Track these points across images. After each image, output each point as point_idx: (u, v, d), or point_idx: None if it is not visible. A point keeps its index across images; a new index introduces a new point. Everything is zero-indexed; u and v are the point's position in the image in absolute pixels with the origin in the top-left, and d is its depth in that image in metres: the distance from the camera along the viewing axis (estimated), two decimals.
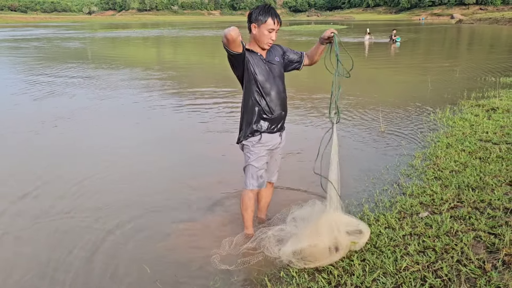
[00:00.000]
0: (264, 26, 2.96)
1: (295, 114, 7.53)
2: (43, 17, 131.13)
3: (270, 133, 3.18)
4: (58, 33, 42.84)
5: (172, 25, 72.42)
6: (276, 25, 2.99)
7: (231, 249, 3.17)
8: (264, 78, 3.06)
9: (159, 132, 6.66)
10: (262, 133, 3.15)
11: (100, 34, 40.93)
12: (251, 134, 3.15)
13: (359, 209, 3.78)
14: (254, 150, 3.17)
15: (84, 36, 37.09)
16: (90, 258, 3.21)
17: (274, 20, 2.96)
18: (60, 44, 28.91)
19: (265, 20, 2.95)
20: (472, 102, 7.73)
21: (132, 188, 4.54)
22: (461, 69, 12.91)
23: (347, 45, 21.82)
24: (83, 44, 28.94)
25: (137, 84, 11.50)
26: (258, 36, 3.01)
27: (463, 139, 5.41)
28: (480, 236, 3.07)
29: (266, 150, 3.20)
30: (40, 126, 7.00)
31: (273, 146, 3.24)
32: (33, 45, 28.01)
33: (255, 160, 3.18)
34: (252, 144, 3.17)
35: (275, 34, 3.03)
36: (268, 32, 2.98)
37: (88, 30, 49.22)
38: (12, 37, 36.03)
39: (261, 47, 3.07)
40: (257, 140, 3.15)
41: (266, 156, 3.21)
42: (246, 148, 3.21)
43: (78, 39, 33.77)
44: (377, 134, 6.22)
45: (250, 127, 3.15)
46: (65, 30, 50.44)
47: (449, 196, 3.80)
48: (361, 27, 51.76)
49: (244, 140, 3.20)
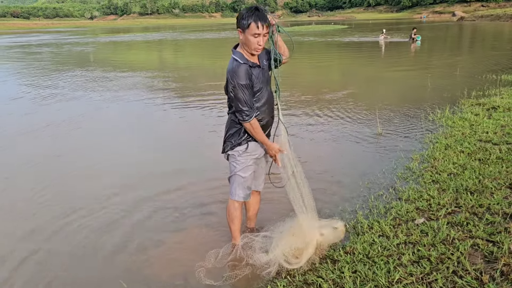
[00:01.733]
0: (248, 32, 2.74)
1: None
2: (45, 23, 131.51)
3: (257, 142, 3.02)
4: (63, 38, 42.82)
5: (173, 28, 72.47)
6: (262, 29, 2.73)
7: (216, 262, 3.04)
8: (260, 88, 2.90)
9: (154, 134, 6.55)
10: (249, 142, 3.01)
11: (105, 39, 40.88)
12: (238, 143, 3.01)
13: (353, 216, 3.63)
14: (241, 160, 3.03)
15: (90, 41, 37.03)
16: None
17: (257, 23, 2.71)
18: (71, 49, 28.93)
19: (248, 24, 2.73)
20: (472, 101, 7.56)
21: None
22: (462, 66, 12.73)
23: (361, 45, 21.59)
24: (92, 48, 29.03)
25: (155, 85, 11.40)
26: (245, 42, 2.80)
27: (462, 140, 5.25)
28: (478, 244, 2.92)
29: (253, 159, 3.05)
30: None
31: (259, 155, 3.09)
32: (46, 50, 27.98)
33: (241, 170, 3.04)
34: (238, 153, 3.02)
35: (263, 39, 2.78)
36: (254, 37, 2.75)
37: (92, 35, 49.24)
38: (19, 43, 36.02)
39: (250, 53, 2.88)
40: (244, 150, 3.01)
41: (253, 165, 3.07)
42: (232, 158, 3.07)
43: (85, 44, 33.75)
44: (374, 136, 6.06)
45: (237, 136, 3.00)
46: (69, 35, 50.46)
47: (447, 200, 3.65)
48: (362, 26, 51.62)
49: (230, 150, 3.05)
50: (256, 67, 2.87)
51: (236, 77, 2.76)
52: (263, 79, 2.91)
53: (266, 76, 2.97)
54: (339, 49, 23.89)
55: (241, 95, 2.76)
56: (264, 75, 2.93)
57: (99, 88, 11.50)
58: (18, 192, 4.61)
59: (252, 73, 2.82)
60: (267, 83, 2.97)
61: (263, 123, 2.97)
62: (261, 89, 2.90)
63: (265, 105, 2.95)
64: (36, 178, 4.93)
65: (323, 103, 8.52)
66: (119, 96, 10.23)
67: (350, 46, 24.71)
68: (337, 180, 4.55)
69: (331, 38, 31.66)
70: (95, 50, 27.92)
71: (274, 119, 3.12)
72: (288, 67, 13.08)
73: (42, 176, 5.01)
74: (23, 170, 5.28)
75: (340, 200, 4.00)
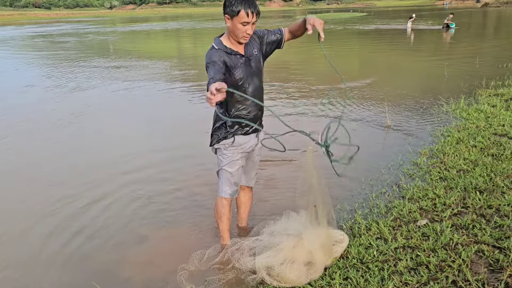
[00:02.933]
0: (236, 19, 2.56)
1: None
2: (65, 13, 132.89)
3: (245, 135, 2.84)
4: (86, 28, 42.99)
5: (191, 17, 72.26)
6: (251, 18, 2.55)
7: (201, 264, 2.87)
8: (242, 77, 2.70)
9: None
10: (236, 135, 2.82)
11: (125, 28, 40.92)
12: (224, 136, 2.83)
13: (351, 215, 3.42)
14: (227, 153, 2.85)
15: (111, 31, 37.05)
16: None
17: (247, 11, 2.52)
18: (95, 38, 29.02)
19: (237, 11, 2.53)
20: (490, 91, 7.17)
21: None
22: (482, 55, 12.19)
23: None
24: (114, 37, 29.05)
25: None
26: (232, 30, 2.62)
27: (476, 134, 4.94)
28: (483, 250, 2.67)
29: (240, 154, 2.87)
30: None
31: (248, 149, 2.90)
32: (71, 40, 28.10)
33: (228, 165, 2.86)
34: (224, 147, 2.85)
35: (252, 27, 2.61)
36: (242, 26, 2.57)
37: (113, 25, 49.34)
38: (41, 33, 36.32)
39: (237, 41, 2.70)
40: (230, 143, 2.83)
41: (240, 160, 2.88)
42: (219, 151, 2.90)
43: (106, 33, 33.79)
44: (383, 128, 5.79)
45: (224, 129, 2.82)
46: (90, 25, 50.71)
47: (453, 200, 3.39)
48: (381, 14, 50.45)
49: (216, 143, 2.88)
50: (236, 55, 2.68)
51: (207, 58, 2.64)
52: (245, 69, 2.70)
53: (253, 67, 2.76)
54: (359, 37, 23.24)
55: (209, 72, 2.58)
56: (249, 65, 2.72)
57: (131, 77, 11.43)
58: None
59: (229, 60, 2.64)
60: (253, 74, 2.75)
61: (250, 117, 2.78)
62: (244, 80, 2.70)
63: (253, 97, 2.73)
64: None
65: (334, 92, 8.24)
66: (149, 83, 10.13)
67: (371, 35, 24.00)
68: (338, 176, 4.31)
69: (351, 26, 30.95)
70: (118, 39, 27.92)
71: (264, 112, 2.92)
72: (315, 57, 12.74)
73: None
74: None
75: (339, 197, 3.78)
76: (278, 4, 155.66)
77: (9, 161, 5.28)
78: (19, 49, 23.20)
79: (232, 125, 2.79)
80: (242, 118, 2.74)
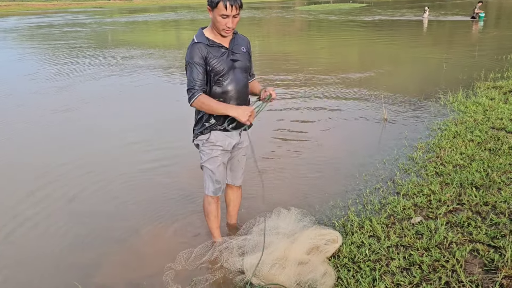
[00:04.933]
0: (216, 11, 2.45)
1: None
2: (63, 4, 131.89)
3: (223, 131, 2.72)
4: (85, 19, 42.44)
5: (190, 8, 71.62)
6: (231, 11, 2.43)
7: (188, 263, 2.79)
8: (222, 70, 2.58)
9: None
10: (213, 131, 2.71)
11: (125, 19, 40.49)
12: (200, 131, 2.73)
13: (344, 212, 3.34)
14: (205, 150, 2.76)
15: (111, 21, 36.62)
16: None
17: (226, 3, 2.40)
18: (96, 28, 28.67)
19: (216, 2, 2.42)
20: (488, 84, 7.06)
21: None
22: (481, 46, 12.05)
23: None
24: (116, 27, 28.72)
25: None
26: (213, 21, 2.52)
27: (473, 127, 4.85)
28: (478, 249, 2.60)
29: (220, 151, 2.75)
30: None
31: (228, 146, 2.78)
32: (74, 29, 27.71)
33: (207, 161, 2.77)
34: (202, 143, 2.76)
35: (233, 20, 2.48)
36: (222, 18, 2.46)
37: (113, 16, 48.79)
38: (38, 24, 35.89)
39: (220, 34, 2.58)
40: (206, 139, 2.72)
41: (220, 157, 2.77)
42: (199, 147, 2.81)
43: (107, 24, 33.41)
44: (379, 121, 5.69)
45: (200, 124, 2.72)
46: (89, 16, 50.22)
47: (449, 196, 3.31)
48: (381, 4, 50.01)
49: (194, 138, 2.79)
50: (218, 47, 2.58)
51: (187, 55, 2.58)
52: (227, 62, 2.60)
53: (237, 62, 2.65)
54: (360, 28, 22.80)
55: (188, 73, 2.56)
56: (232, 59, 2.62)
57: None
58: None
59: (209, 52, 2.55)
60: (235, 68, 2.64)
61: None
62: (225, 73, 2.59)
63: (232, 92, 2.63)
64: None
65: (332, 83, 8.14)
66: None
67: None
68: (332, 170, 4.25)
69: (357, 17, 30.60)
70: (126, 30, 27.64)
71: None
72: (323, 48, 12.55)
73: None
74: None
75: (333, 193, 3.70)
76: None
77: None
78: (25, 40, 22.92)
79: (207, 119, 2.68)
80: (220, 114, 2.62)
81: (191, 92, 2.52)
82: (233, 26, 2.51)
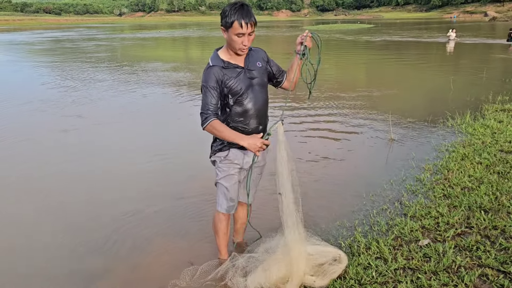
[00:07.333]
0: (231, 31, 2.47)
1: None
2: (75, 19, 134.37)
3: (242, 149, 2.73)
4: (98, 34, 43.24)
5: (199, 25, 72.74)
6: (246, 29, 2.45)
7: (193, 281, 2.77)
8: (240, 90, 2.59)
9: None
10: (231, 148, 2.72)
11: (137, 35, 41.17)
12: (219, 149, 2.74)
13: (350, 233, 3.31)
14: (222, 167, 2.75)
15: (125, 37, 37.22)
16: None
17: (241, 22, 2.42)
18: (110, 44, 29.10)
19: (230, 22, 2.45)
20: (497, 107, 7.05)
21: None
22: (489, 69, 12.07)
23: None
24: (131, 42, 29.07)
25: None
26: (229, 41, 2.54)
27: (481, 150, 4.82)
28: (487, 274, 2.55)
29: (237, 169, 2.76)
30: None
31: (245, 165, 2.78)
32: (91, 44, 28.14)
33: (223, 178, 2.77)
34: (220, 159, 2.76)
35: (248, 38, 2.50)
36: (238, 37, 2.48)
37: (124, 32, 49.59)
38: (55, 38, 36.51)
39: (235, 53, 2.60)
40: (224, 156, 2.73)
41: (236, 175, 2.77)
42: (216, 164, 2.81)
43: (120, 39, 33.95)
44: (386, 142, 5.68)
45: (220, 140, 2.73)
46: (101, 31, 51.11)
47: (457, 219, 3.27)
48: (389, 26, 50.45)
49: (212, 154, 2.80)
50: (234, 67, 2.59)
51: (203, 79, 2.60)
52: (244, 81, 2.61)
53: (254, 79, 2.66)
54: (372, 49, 23.13)
55: (203, 96, 2.58)
56: (249, 77, 2.63)
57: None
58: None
59: (224, 75, 2.56)
60: (254, 86, 2.65)
61: (248, 130, 2.66)
62: (244, 92, 2.60)
63: (252, 110, 2.64)
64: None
65: (339, 102, 8.16)
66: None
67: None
68: (338, 190, 4.23)
69: (361, 37, 30.91)
70: (133, 45, 28.09)
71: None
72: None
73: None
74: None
75: (339, 213, 3.67)
76: (286, 14, 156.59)
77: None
78: (45, 54, 23.33)
79: None
80: (240, 131, 2.64)
81: (204, 116, 2.54)
82: (249, 44, 2.53)
